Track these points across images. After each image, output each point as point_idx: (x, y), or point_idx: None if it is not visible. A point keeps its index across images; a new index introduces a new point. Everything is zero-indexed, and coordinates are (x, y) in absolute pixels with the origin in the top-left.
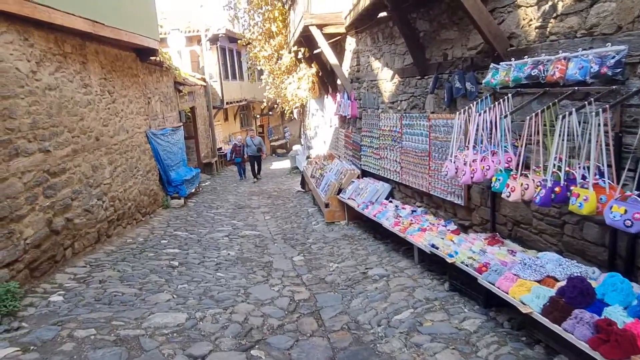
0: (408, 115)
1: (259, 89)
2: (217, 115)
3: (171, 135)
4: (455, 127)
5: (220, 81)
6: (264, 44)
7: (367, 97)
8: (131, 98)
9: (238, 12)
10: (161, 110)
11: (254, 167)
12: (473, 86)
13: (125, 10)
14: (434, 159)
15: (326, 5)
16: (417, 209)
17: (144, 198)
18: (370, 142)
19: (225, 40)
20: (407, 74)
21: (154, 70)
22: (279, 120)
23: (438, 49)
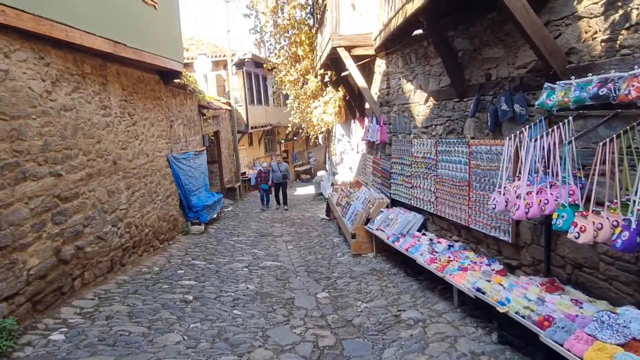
0: (444, 140)
1: (283, 113)
2: (242, 140)
3: (193, 159)
4: (505, 154)
5: (245, 105)
6: (289, 68)
7: (398, 121)
8: (153, 121)
9: (264, 36)
10: (184, 134)
11: (279, 194)
12: (523, 108)
13: (148, 31)
14: (475, 189)
15: (354, 26)
16: (454, 244)
17: (162, 224)
18: (401, 169)
19: (251, 65)
20: (443, 97)
21: (177, 93)
22: (304, 146)
23: (479, 68)
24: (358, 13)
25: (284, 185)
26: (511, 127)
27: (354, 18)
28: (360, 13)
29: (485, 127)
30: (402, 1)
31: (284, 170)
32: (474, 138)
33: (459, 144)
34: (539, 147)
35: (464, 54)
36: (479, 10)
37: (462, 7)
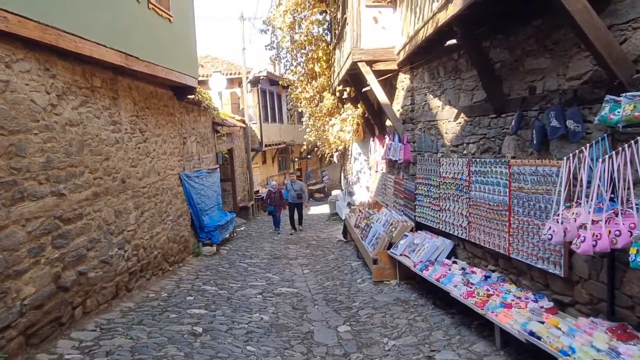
0: (479, 160)
1: (298, 131)
2: (256, 158)
3: (206, 177)
4: (562, 177)
5: (259, 123)
6: (306, 85)
7: (424, 139)
8: (165, 138)
9: (280, 52)
10: (197, 151)
11: (293, 215)
12: (578, 125)
13: (162, 45)
14: (517, 215)
15: (376, 40)
16: (490, 274)
17: (173, 245)
18: (428, 190)
19: (266, 83)
20: (476, 113)
21: (191, 109)
22: (317, 164)
23: (521, 81)
24: (380, 26)
25: (299, 205)
26: (562, 145)
27: (376, 32)
28: (383, 26)
29: (528, 145)
30: (432, 10)
31: (298, 189)
32: (515, 158)
33: (497, 164)
34: (605, 169)
35: (502, 65)
36: (521, 18)
37: (503, 16)
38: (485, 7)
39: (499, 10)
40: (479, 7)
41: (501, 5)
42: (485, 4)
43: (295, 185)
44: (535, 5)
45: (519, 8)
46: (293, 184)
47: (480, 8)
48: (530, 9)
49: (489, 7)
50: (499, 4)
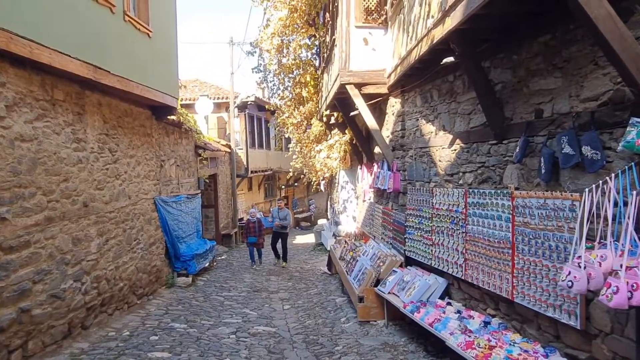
0: (477, 191)
1: (285, 158)
2: (241, 184)
3: (185, 203)
4: (584, 212)
5: (246, 149)
6: (293, 110)
7: (415, 167)
8: (140, 159)
9: (268, 75)
10: (176, 175)
11: (276, 244)
12: (597, 152)
13: (139, 61)
14: (522, 253)
15: (366, 62)
16: (490, 320)
17: (142, 276)
18: (419, 222)
19: (253, 108)
20: (474, 139)
21: (171, 131)
22: (304, 192)
23: (526, 103)
24: (370, 48)
25: (284, 236)
26: (576, 176)
27: (366, 53)
28: (373, 48)
29: (535, 175)
30: (427, 27)
31: (283, 217)
32: (519, 189)
33: (498, 195)
34: (636, 204)
35: (503, 87)
36: (526, 34)
37: (505, 32)
38: (486, 22)
39: (501, 25)
40: (479, 21)
41: (504, 19)
42: (486, 18)
43: (281, 212)
44: (542, 19)
45: (524, 22)
46: (280, 211)
47: (481, 22)
48: (536, 23)
49: (490, 21)
50: (502, 18)
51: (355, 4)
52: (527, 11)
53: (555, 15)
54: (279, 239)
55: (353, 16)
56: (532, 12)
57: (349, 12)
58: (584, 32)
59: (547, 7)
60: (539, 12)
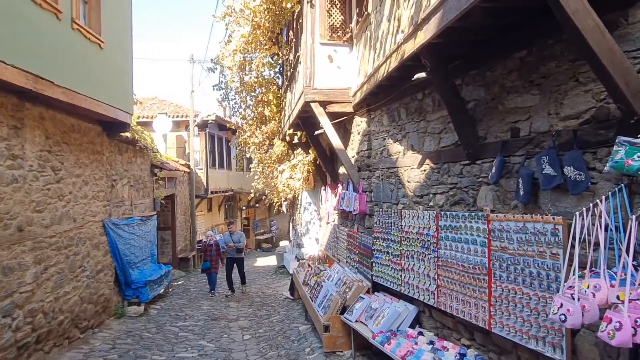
0: (449, 214)
1: (246, 178)
2: (200, 205)
3: (139, 225)
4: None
5: (206, 169)
6: (255, 129)
7: (382, 188)
8: (87, 179)
9: (229, 93)
10: (129, 196)
11: (231, 272)
12: (580, 172)
13: (89, 72)
14: (500, 280)
15: (331, 80)
16: (465, 351)
17: (87, 307)
18: (387, 246)
19: (214, 128)
20: (445, 159)
21: (125, 149)
22: (266, 213)
23: (501, 122)
24: (335, 66)
25: (240, 261)
26: (557, 198)
27: (331, 71)
28: (338, 66)
29: (511, 197)
30: (396, 42)
31: (237, 240)
32: (495, 211)
33: (472, 218)
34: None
35: (476, 105)
36: (501, 49)
37: (478, 47)
38: (460, 36)
39: (474, 40)
40: (453, 35)
41: (478, 33)
42: (461, 31)
43: (234, 236)
44: (518, 34)
45: (499, 38)
46: (232, 235)
47: (455, 37)
48: (512, 38)
49: (464, 35)
50: (476, 32)
51: (320, 21)
52: (503, 25)
53: (532, 30)
54: (233, 265)
55: (318, 33)
56: (508, 27)
57: (314, 29)
58: (562, 47)
59: (524, 21)
60: (515, 26)
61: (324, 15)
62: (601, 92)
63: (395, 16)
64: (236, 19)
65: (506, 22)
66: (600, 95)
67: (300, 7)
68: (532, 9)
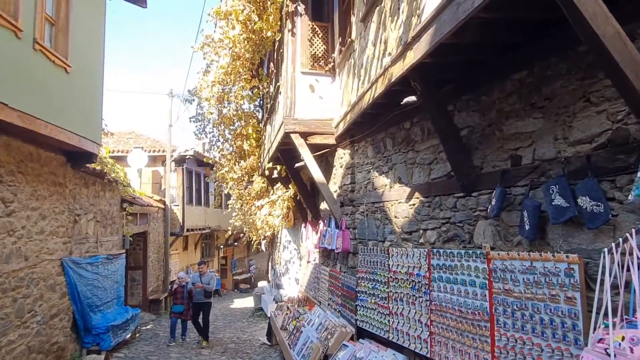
0: (442, 251)
1: (224, 216)
2: (175, 243)
3: (104, 265)
4: (605, 279)
5: (182, 205)
6: (233, 164)
7: (367, 224)
8: (45, 213)
9: (207, 126)
10: (95, 233)
11: (198, 318)
12: (598, 203)
13: (51, 97)
14: (504, 328)
15: (312, 110)
16: None
17: (36, 357)
18: (373, 288)
19: (192, 163)
20: (436, 191)
21: (92, 181)
22: (244, 252)
23: (499, 149)
24: (317, 96)
25: (207, 307)
26: (570, 232)
27: (312, 101)
28: (320, 96)
29: (515, 232)
30: (382, 66)
31: (206, 282)
32: (495, 249)
33: (469, 256)
34: None
35: (470, 132)
36: (497, 71)
37: (471, 70)
38: (453, 54)
39: (469, 60)
40: (446, 53)
41: (474, 53)
42: (453, 50)
43: (204, 277)
44: (517, 54)
45: (494, 59)
46: (202, 277)
47: (447, 56)
48: (509, 58)
49: (457, 55)
50: (469, 53)
51: (301, 50)
52: (500, 44)
53: (532, 48)
54: (199, 311)
55: (299, 62)
56: (504, 46)
57: (295, 57)
58: (569, 65)
59: (523, 37)
60: (512, 46)
61: (306, 44)
62: (618, 112)
63: (382, 39)
64: (215, 49)
65: (503, 40)
66: (617, 115)
67: (281, 36)
68: (534, 20)
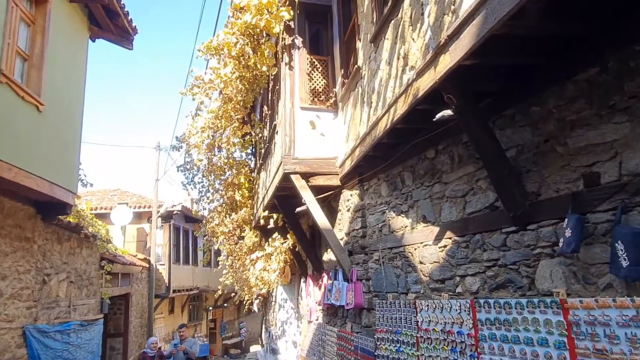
0: (493, 302)
1: (213, 275)
2: (161, 306)
3: (77, 332)
4: None
5: (168, 264)
6: (224, 216)
7: (384, 274)
8: (6, 272)
9: (195, 176)
10: (67, 295)
11: None
12: None
13: (19, 136)
14: None
15: (313, 149)
16: None
17: None
18: (397, 350)
19: (180, 219)
20: (476, 228)
21: (66, 237)
22: (235, 314)
23: (565, 169)
24: (318, 133)
25: None
26: None
27: (314, 139)
28: (322, 133)
29: (599, 272)
30: (403, 84)
31: (190, 347)
32: (572, 295)
33: (533, 306)
34: None
35: (519, 153)
36: (553, 74)
37: (519, 76)
38: (497, 55)
39: (515, 63)
40: (490, 52)
41: (523, 52)
42: (507, 40)
43: (186, 343)
44: (582, 49)
45: (551, 60)
46: (184, 342)
47: (491, 56)
48: (568, 58)
49: (505, 52)
50: (522, 50)
51: (300, 83)
52: (557, 38)
53: (602, 39)
54: None
55: (298, 96)
56: (559, 44)
57: (293, 92)
58: None
59: (592, 24)
60: (571, 40)
61: (304, 78)
62: None
63: (399, 54)
64: (205, 90)
65: (568, 31)
66: None
67: (277, 71)
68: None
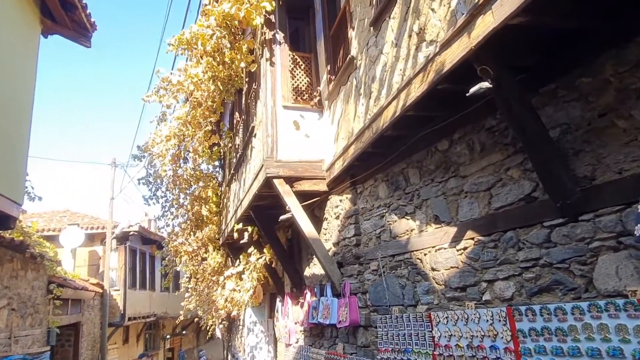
0: (539, 309)
1: (173, 300)
2: (115, 336)
3: None
4: None
5: (123, 290)
6: (189, 234)
7: (386, 285)
8: None
9: (158, 190)
10: (8, 325)
11: None
12: None
13: None
14: None
15: (298, 152)
16: None
17: None
18: None
19: (137, 241)
20: (507, 224)
21: (8, 256)
22: (194, 342)
23: (629, 145)
24: (303, 134)
25: None
26: None
27: (298, 140)
28: (306, 134)
29: None
30: (422, 60)
31: None
32: None
33: (598, 310)
34: None
35: (564, 132)
36: (608, 38)
37: (555, 50)
38: (552, 14)
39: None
40: (547, 10)
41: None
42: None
43: None
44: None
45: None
46: None
47: (545, 15)
48: (628, 17)
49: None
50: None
51: (282, 81)
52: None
53: None
54: None
55: (280, 94)
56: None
57: (275, 89)
58: None
59: None
60: None
61: (287, 75)
62: None
63: (412, 30)
64: (173, 92)
65: None
66: None
67: (256, 67)
68: None
